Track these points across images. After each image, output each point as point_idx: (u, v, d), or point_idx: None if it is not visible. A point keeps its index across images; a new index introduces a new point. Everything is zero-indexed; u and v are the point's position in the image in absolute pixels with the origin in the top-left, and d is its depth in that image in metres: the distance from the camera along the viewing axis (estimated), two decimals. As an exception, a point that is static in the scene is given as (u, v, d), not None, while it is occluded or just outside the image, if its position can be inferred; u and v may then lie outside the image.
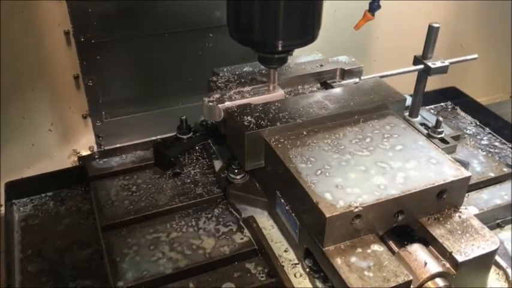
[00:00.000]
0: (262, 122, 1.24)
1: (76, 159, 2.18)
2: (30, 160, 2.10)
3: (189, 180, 1.46)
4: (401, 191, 1.05)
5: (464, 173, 1.11)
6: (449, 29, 2.60)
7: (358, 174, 1.10)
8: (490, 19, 2.73)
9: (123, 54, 1.98)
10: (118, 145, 2.19)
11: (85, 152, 2.18)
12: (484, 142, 1.77)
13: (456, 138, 1.63)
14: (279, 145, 1.20)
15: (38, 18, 1.88)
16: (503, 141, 1.78)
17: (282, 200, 1.19)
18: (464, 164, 1.44)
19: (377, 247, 1.04)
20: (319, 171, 1.11)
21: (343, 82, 1.49)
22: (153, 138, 2.23)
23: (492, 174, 1.48)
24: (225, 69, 1.54)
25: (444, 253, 1.04)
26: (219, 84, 1.42)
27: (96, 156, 2.20)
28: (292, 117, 1.26)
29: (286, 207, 1.18)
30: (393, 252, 1.06)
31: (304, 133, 1.24)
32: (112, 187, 1.45)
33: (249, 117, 1.26)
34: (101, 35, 1.89)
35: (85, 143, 2.18)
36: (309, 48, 2.17)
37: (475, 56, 1.59)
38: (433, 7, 2.54)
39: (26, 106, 2.01)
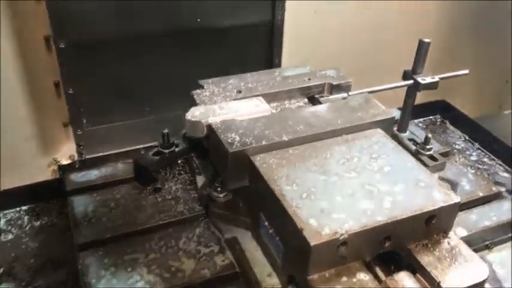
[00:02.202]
0: (246, 140, 1.19)
1: (56, 168, 2.11)
2: (8, 169, 2.03)
3: (170, 197, 1.41)
4: (389, 217, 1.01)
5: (454, 198, 1.07)
6: (441, 38, 2.57)
7: (344, 197, 1.06)
8: (482, 31, 2.71)
9: (106, 61, 1.93)
10: (100, 154, 2.15)
11: (65, 161, 2.11)
12: (473, 158, 1.75)
13: (445, 154, 1.60)
14: (264, 164, 1.15)
15: (17, 22, 1.81)
16: (492, 157, 1.76)
17: (266, 223, 1.15)
18: (454, 184, 1.41)
19: (363, 276, 1.00)
20: (304, 194, 1.06)
21: (331, 97, 1.45)
22: (137, 147, 2.20)
23: (481, 194, 1.46)
24: (210, 81, 1.50)
25: (432, 282, 1.00)
26: (203, 98, 1.37)
27: (77, 166, 2.15)
28: (278, 135, 1.21)
29: (270, 231, 1.13)
30: (380, 281, 1.02)
31: (290, 152, 1.20)
32: (90, 203, 1.39)
33: (233, 134, 1.21)
34: (83, 41, 1.83)
35: (66, 152, 2.11)
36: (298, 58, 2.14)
37: (466, 71, 1.56)
38: (426, 16, 2.51)
39: (3, 113, 1.94)
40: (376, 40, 2.43)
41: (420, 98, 1.64)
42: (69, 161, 2.13)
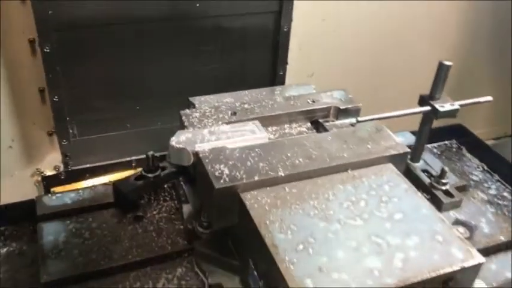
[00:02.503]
0: (237, 174, 1.03)
1: (40, 179, 1.97)
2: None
3: (151, 228, 1.25)
4: (400, 279, 0.85)
5: (477, 257, 0.91)
6: (459, 58, 2.41)
7: (347, 252, 0.90)
8: (502, 50, 2.55)
9: (94, 66, 1.79)
10: (88, 165, 2.01)
11: (50, 172, 1.97)
12: (492, 192, 1.57)
13: (462, 189, 1.44)
14: (256, 205, 1.00)
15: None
16: (513, 191, 1.58)
17: (255, 273, 0.99)
18: (472, 228, 1.25)
19: None
20: (300, 246, 0.91)
21: (338, 122, 1.30)
22: (128, 159, 2.06)
23: (502, 238, 1.29)
24: (202, 99, 1.34)
25: None
26: (192, 120, 1.22)
27: (62, 177, 2.01)
28: (273, 169, 1.06)
29: (260, 283, 0.98)
30: None
31: (287, 190, 1.04)
32: (62, 231, 1.24)
33: (222, 166, 1.05)
34: (69, 46, 1.69)
35: (50, 162, 1.97)
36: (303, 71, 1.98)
37: (489, 98, 1.39)
38: (445, 35, 2.35)
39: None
40: (389, 53, 2.28)
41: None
42: (53, 172, 1.99)
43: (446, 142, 1.82)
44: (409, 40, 2.27)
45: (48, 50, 1.65)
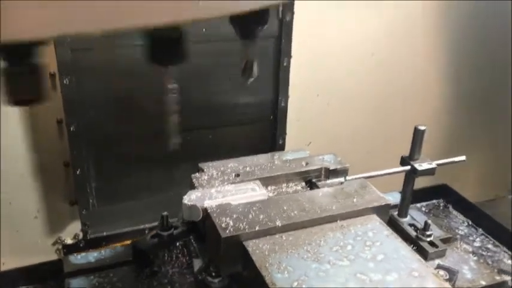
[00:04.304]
0: (240, 225, 1.20)
1: (61, 247, 2.13)
2: (14, 247, 2.05)
3: (166, 281, 1.40)
4: (381, 308, 1.00)
5: (448, 289, 1.05)
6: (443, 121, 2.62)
7: (336, 286, 1.05)
8: (487, 112, 2.76)
9: (113, 147, 1.99)
10: (105, 233, 2.17)
11: (70, 240, 2.14)
12: (477, 244, 1.71)
13: (446, 240, 1.58)
14: (257, 251, 1.16)
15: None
16: (497, 243, 1.72)
17: (258, 312, 1.13)
18: (453, 273, 1.38)
19: None
20: (295, 283, 1.06)
21: (328, 181, 1.48)
22: (141, 226, 2.22)
23: (483, 283, 1.42)
24: (210, 164, 1.54)
25: None
26: (202, 181, 1.41)
27: (81, 245, 2.17)
28: (272, 220, 1.23)
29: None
30: None
31: (284, 238, 1.20)
32: (86, 285, 1.39)
33: (227, 219, 1.22)
34: (94, 125, 1.91)
35: (71, 230, 2.14)
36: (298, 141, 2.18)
37: (463, 158, 1.58)
38: (431, 104, 2.58)
39: (13, 192, 2.00)
40: (379, 122, 2.50)
41: (424, 180, 1.65)
42: (73, 241, 2.15)
43: (434, 201, 1.99)
44: (396, 112, 2.50)
45: (73, 129, 1.87)
